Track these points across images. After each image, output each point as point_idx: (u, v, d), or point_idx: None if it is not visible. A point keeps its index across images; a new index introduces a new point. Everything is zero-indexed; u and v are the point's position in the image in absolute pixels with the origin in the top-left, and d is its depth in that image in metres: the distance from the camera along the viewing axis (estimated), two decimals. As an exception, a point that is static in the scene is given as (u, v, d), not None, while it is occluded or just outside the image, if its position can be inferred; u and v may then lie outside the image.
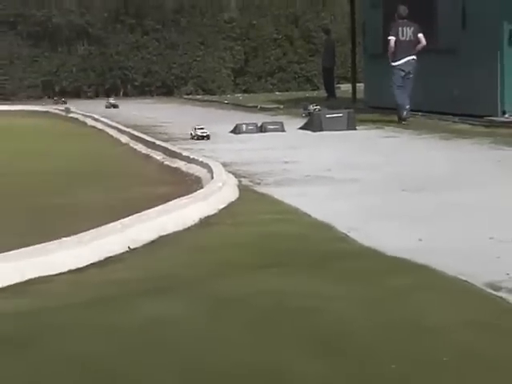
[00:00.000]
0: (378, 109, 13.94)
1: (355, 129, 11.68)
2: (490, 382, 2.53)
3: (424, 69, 13.71)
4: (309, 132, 11.56)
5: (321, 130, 11.53)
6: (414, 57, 12.06)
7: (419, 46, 12.07)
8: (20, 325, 3.17)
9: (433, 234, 4.71)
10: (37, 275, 3.80)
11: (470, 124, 11.51)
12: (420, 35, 12.07)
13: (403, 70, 12.14)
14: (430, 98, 13.12)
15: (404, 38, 12.11)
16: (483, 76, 12.08)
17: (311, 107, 13.36)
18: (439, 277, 3.72)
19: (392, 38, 12.12)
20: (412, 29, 12.14)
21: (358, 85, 17.76)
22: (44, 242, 4.07)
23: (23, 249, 3.98)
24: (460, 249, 4.30)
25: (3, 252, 3.91)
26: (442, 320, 3.11)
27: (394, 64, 12.16)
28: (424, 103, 13.22)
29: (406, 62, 12.11)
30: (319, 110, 12.85)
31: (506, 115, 11.70)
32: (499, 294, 3.42)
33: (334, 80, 20.44)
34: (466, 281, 3.61)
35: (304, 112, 13.64)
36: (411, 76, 12.15)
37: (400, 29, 12.17)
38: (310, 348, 2.84)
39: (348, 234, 4.76)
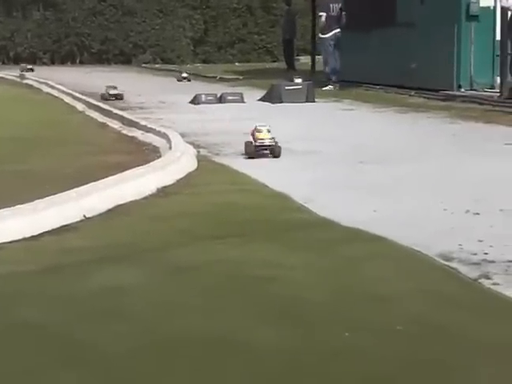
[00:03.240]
0: (339, 82, 14.00)
1: (314, 101, 11.71)
2: (441, 350, 2.59)
3: (382, 42, 13.81)
4: (268, 104, 11.54)
5: (280, 101, 11.53)
6: (339, 30, 13.98)
7: (343, 21, 13.87)
8: (-28, 292, 3.13)
9: (388, 205, 4.78)
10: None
11: (426, 98, 11.64)
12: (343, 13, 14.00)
13: (332, 40, 14.02)
14: (387, 72, 13.22)
15: (333, 14, 13.94)
16: (440, 50, 12.20)
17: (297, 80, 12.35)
18: (393, 247, 3.78)
19: (323, 14, 14.03)
20: (339, 5, 13.94)
21: (317, 57, 17.78)
22: (-3, 208, 4.00)
23: (-25, 216, 3.90)
24: (414, 220, 4.37)
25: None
26: (395, 289, 3.17)
27: (324, 36, 14.16)
28: (381, 77, 13.32)
29: (334, 34, 13.97)
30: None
31: (462, 89, 11.86)
32: (451, 264, 3.50)
33: (294, 52, 20.40)
34: (419, 251, 3.68)
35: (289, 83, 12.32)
36: (337, 47, 13.97)
37: (331, 5, 13.98)
38: (264, 316, 2.87)
39: (305, 204, 4.80)
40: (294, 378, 2.38)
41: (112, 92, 11.67)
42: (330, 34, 14.01)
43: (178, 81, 17.02)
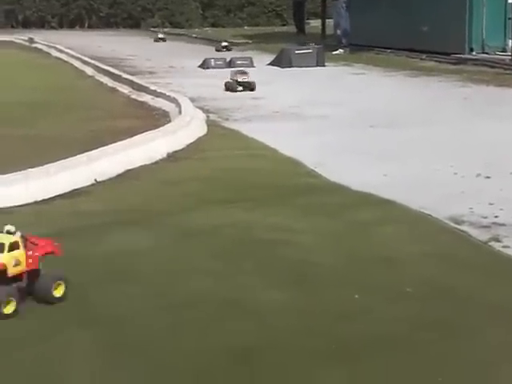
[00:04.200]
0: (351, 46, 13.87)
1: (324, 65, 11.61)
2: (450, 311, 2.60)
3: (393, 6, 13.63)
4: (278, 68, 11.46)
5: (290, 66, 11.44)
6: None
7: None
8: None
9: (398, 169, 4.77)
10: (0, 206, 3.77)
11: (437, 61, 11.52)
12: None
13: (345, 3, 14.32)
14: (398, 35, 13.06)
15: None
16: (452, 13, 12.03)
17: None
18: (403, 211, 3.79)
19: None
20: None
21: (327, 21, 17.56)
22: (8, 172, 4.01)
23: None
24: (424, 184, 4.36)
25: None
26: (405, 252, 3.18)
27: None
28: (392, 40, 13.17)
29: None
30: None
31: (474, 53, 11.72)
32: (461, 227, 3.50)
33: (304, 15, 20.13)
34: (429, 214, 3.68)
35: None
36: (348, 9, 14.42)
37: None
38: (273, 278, 2.89)
39: (315, 169, 4.79)
40: (301, 338, 2.41)
41: (241, 79, 8.58)
42: None
43: (155, 41, 17.85)
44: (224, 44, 15.85)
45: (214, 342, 2.38)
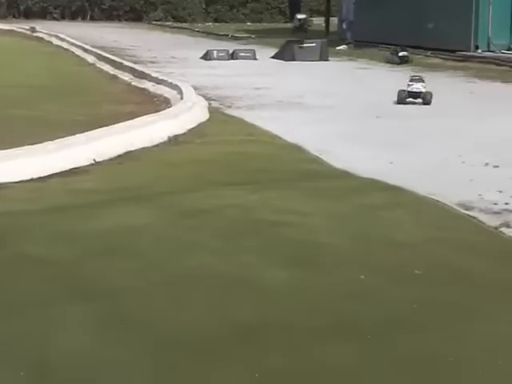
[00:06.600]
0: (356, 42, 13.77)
1: (328, 60, 11.51)
2: (459, 294, 2.50)
3: (399, 2, 13.53)
4: (281, 61, 11.36)
5: (293, 59, 11.34)
6: None
7: None
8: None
9: (404, 157, 4.66)
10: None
11: (442, 58, 11.42)
12: None
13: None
14: (403, 32, 12.96)
15: None
16: (458, 10, 11.93)
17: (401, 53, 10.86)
18: (411, 196, 3.68)
19: None
20: None
21: (331, 18, 17.45)
22: (8, 148, 3.91)
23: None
24: (432, 172, 4.26)
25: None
26: (413, 235, 3.07)
27: None
28: (397, 37, 13.06)
29: None
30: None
31: (479, 50, 11.62)
32: (471, 212, 3.40)
33: (299, 13, 19.90)
34: (438, 200, 3.57)
35: (393, 57, 10.95)
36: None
37: None
38: (277, 257, 2.78)
39: (320, 155, 4.68)
40: (305, 315, 2.30)
41: (415, 89, 6.55)
42: None
43: None
44: (300, 17, 15.50)
45: (215, 316, 2.26)
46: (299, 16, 15.38)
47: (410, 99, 6.66)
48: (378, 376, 1.97)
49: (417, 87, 6.70)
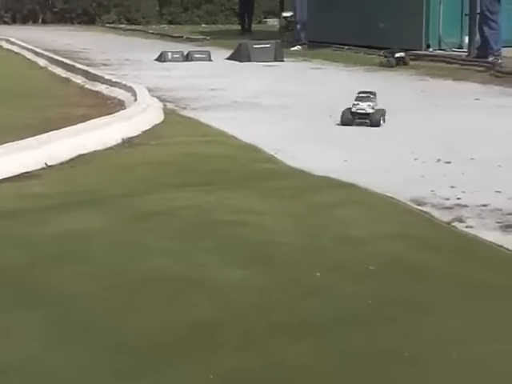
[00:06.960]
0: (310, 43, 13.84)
1: (283, 60, 11.55)
2: (414, 288, 2.53)
3: (350, 2, 13.66)
4: (236, 62, 11.36)
5: (248, 60, 11.35)
6: None
7: None
8: None
9: (358, 156, 4.70)
10: None
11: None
12: None
13: None
14: (355, 32, 13.08)
15: None
16: (409, 10, 12.09)
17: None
18: (365, 193, 3.71)
19: None
20: None
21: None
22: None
23: None
24: (386, 169, 4.30)
25: None
26: (367, 232, 3.10)
27: None
28: (350, 37, 13.18)
29: None
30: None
31: (431, 49, 11.79)
32: (423, 208, 3.44)
33: (252, 13, 19.82)
34: (391, 197, 3.61)
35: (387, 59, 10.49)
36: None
37: None
38: (233, 257, 2.78)
39: (275, 155, 4.69)
40: (261, 314, 2.30)
41: (360, 110, 5.68)
42: None
43: None
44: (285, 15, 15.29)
45: (171, 318, 2.24)
46: (284, 14, 15.41)
47: (358, 120, 5.65)
48: (334, 372, 1.98)
49: (361, 108, 5.62)
